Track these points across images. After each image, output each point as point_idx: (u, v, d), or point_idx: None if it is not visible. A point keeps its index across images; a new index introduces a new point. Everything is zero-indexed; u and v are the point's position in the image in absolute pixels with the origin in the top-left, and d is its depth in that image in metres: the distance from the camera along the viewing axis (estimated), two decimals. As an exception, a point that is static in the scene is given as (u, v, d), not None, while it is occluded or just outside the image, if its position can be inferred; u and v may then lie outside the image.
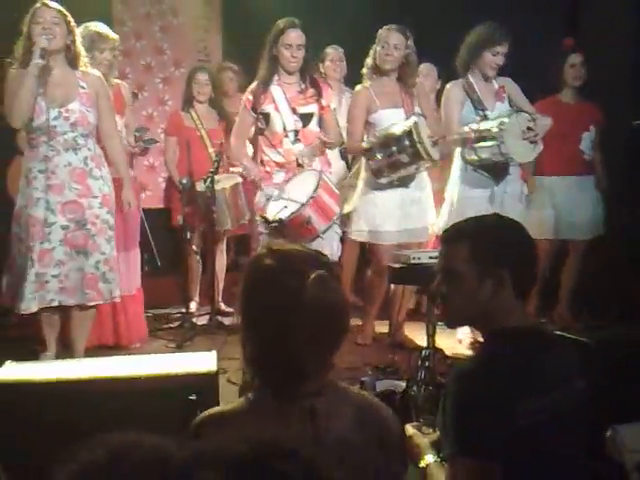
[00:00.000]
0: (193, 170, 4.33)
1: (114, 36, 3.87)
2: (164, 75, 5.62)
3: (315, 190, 3.39)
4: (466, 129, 3.80)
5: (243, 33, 5.11)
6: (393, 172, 3.69)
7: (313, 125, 3.75)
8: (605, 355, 2.19)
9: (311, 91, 3.73)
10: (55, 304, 3.29)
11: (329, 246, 3.67)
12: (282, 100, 3.67)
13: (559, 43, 4.34)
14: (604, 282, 4.08)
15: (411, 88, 3.88)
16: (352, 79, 4.46)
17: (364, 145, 3.78)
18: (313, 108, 3.73)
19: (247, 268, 1.36)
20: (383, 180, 3.75)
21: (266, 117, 3.70)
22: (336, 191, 3.56)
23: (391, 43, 3.77)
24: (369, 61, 3.89)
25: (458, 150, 3.93)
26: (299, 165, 3.67)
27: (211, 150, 4.51)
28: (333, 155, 4.44)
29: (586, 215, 4.29)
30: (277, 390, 1.31)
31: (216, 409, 1.39)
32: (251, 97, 3.71)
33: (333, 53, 4.66)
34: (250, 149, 3.92)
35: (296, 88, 3.71)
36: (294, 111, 3.68)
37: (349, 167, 4.56)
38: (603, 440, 1.96)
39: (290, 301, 1.26)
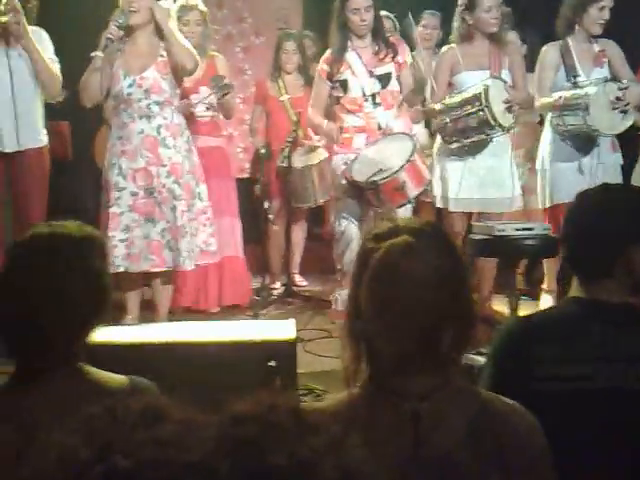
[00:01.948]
0: (272, 139, 4.32)
1: (201, 7, 3.88)
2: (244, 44, 5.63)
3: (412, 154, 3.37)
4: (555, 96, 3.65)
5: (323, 0, 5.03)
6: (463, 137, 3.57)
7: (393, 85, 3.72)
8: None
9: (386, 51, 3.69)
10: (121, 269, 3.36)
11: (401, 213, 3.67)
12: (359, 64, 3.66)
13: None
14: None
15: (503, 48, 3.74)
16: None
17: (437, 107, 3.70)
18: (390, 68, 3.70)
19: (364, 249, 1.17)
20: (453, 145, 3.64)
21: (343, 84, 3.69)
22: (423, 157, 3.55)
23: (494, 5, 3.64)
24: (458, 24, 3.74)
25: (549, 117, 3.78)
26: (380, 129, 3.64)
27: (295, 120, 4.48)
28: (418, 124, 4.36)
29: None
30: (377, 385, 1.15)
31: (309, 406, 1.23)
32: (326, 66, 3.71)
33: (427, 19, 4.55)
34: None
35: (371, 50, 3.69)
36: (371, 74, 3.66)
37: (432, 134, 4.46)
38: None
39: (432, 278, 1.10)
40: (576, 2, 3.68)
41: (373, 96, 3.67)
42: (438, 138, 3.86)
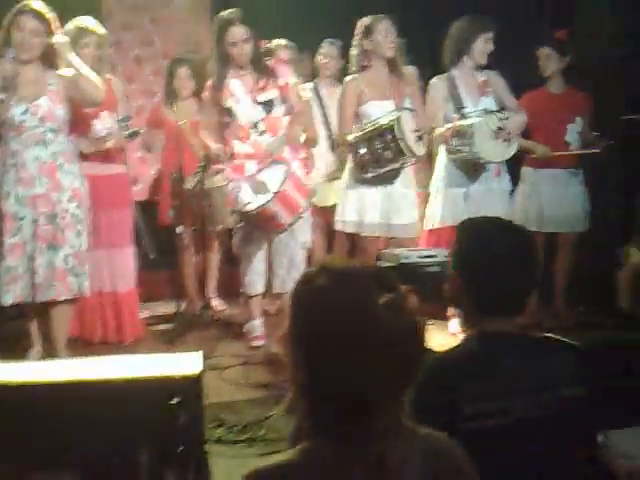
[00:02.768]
0: (183, 164, 4.26)
1: (101, 31, 3.81)
2: (153, 67, 5.55)
3: (281, 185, 3.41)
4: (446, 126, 3.81)
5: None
6: (377, 167, 3.65)
7: (277, 111, 3.73)
8: (595, 358, 2.14)
9: (267, 78, 3.72)
10: (29, 300, 3.32)
11: (302, 234, 3.74)
12: (241, 93, 3.69)
13: (552, 35, 4.28)
14: (597, 277, 4.02)
15: (402, 77, 3.83)
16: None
17: (349, 139, 3.74)
18: (273, 94, 3.72)
19: (296, 291, 1.16)
20: (368, 175, 3.71)
21: (229, 111, 3.70)
22: (305, 184, 3.56)
23: (391, 31, 3.74)
24: (357, 52, 3.82)
25: (442, 145, 3.92)
26: (269, 155, 3.65)
27: (194, 143, 4.44)
28: (323, 147, 4.40)
29: (572, 209, 4.23)
30: (338, 433, 1.11)
31: (266, 466, 1.14)
32: (211, 93, 3.73)
33: (326, 48, 4.56)
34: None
35: (252, 78, 3.70)
36: (254, 101, 3.68)
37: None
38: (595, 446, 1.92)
39: (358, 328, 1.08)
40: (464, 34, 3.84)
41: (258, 124, 3.69)
42: (349, 165, 3.89)
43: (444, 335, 3.94)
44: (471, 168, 3.86)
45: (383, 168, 3.65)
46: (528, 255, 1.61)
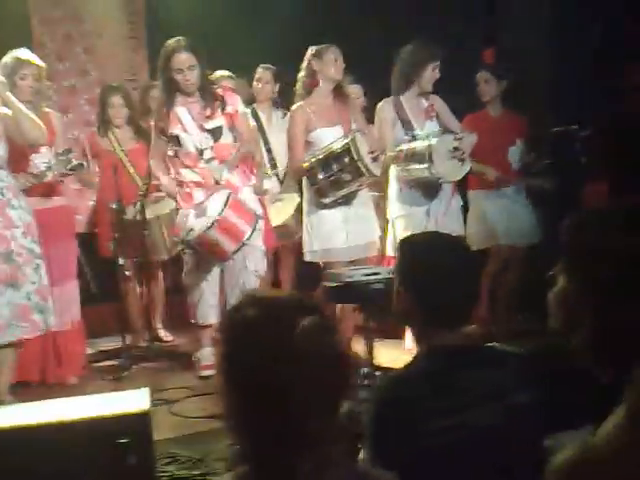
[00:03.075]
0: (122, 194, 4.20)
1: (38, 62, 3.74)
2: (89, 96, 5.47)
3: (220, 212, 3.38)
4: (397, 149, 3.85)
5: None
6: (336, 190, 3.62)
7: (225, 138, 3.72)
8: (539, 364, 2.20)
9: (215, 104, 3.69)
10: None
11: (254, 263, 3.68)
12: (188, 120, 3.66)
13: (480, 56, 4.42)
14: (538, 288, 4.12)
15: (346, 101, 3.85)
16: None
17: (305, 165, 3.70)
18: (220, 121, 3.70)
19: (225, 321, 1.19)
20: (327, 200, 3.67)
21: (176, 139, 3.67)
22: (249, 210, 3.54)
23: (339, 58, 3.75)
24: (305, 74, 3.80)
25: (393, 169, 3.96)
26: (217, 183, 3.63)
27: (132, 171, 4.39)
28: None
29: (520, 223, 4.33)
30: (265, 463, 1.10)
31: None
32: (157, 121, 3.69)
33: (261, 73, 4.58)
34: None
35: (199, 105, 3.68)
36: (202, 128, 3.65)
37: (281, 182, 4.51)
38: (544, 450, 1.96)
39: (277, 355, 1.08)
40: (414, 61, 3.92)
41: (205, 151, 3.66)
42: (306, 193, 3.86)
43: (398, 352, 3.97)
44: (427, 188, 3.92)
45: (341, 191, 3.63)
46: (468, 266, 1.65)
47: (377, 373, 2.93)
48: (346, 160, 3.50)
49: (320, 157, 3.62)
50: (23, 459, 2.10)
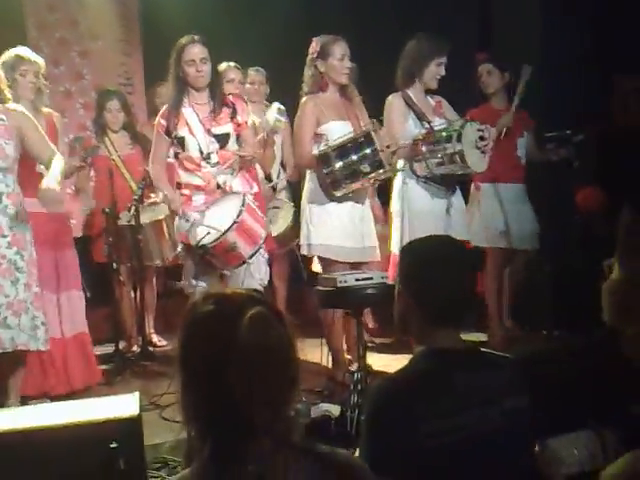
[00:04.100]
0: (117, 198, 4.19)
1: (38, 60, 3.74)
2: (84, 100, 5.48)
3: (239, 214, 3.27)
4: (413, 138, 3.65)
5: (164, 55, 5.03)
6: (352, 182, 3.42)
7: (231, 145, 3.61)
8: (530, 369, 2.21)
9: (224, 110, 3.60)
10: None
11: (257, 271, 3.60)
12: (195, 122, 3.56)
13: (473, 57, 4.40)
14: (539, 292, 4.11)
15: (352, 100, 3.74)
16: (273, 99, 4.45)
17: (319, 153, 3.50)
18: (228, 128, 3.59)
19: (183, 317, 1.23)
20: (339, 192, 3.47)
21: (181, 141, 3.57)
22: (260, 214, 3.46)
23: (346, 54, 3.63)
24: (311, 73, 3.67)
25: (403, 164, 3.74)
26: (219, 187, 3.56)
27: (128, 176, 4.39)
28: (259, 177, 4.40)
29: (528, 225, 4.23)
30: (220, 453, 1.14)
31: None
32: (163, 121, 3.59)
33: (254, 76, 4.59)
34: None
35: (208, 108, 3.59)
36: (208, 132, 3.55)
37: (274, 189, 4.51)
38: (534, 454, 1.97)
39: (225, 346, 1.12)
40: (417, 56, 3.77)
41: (211, 155, 3.57)
42: (308, 187, 3.70)
43: (388, 356, 3.98)
44: (438, 185, 3.72)
45: (356, 183, 3.43)
46: (465, 266, 1.66)
47: (370, 376, 2.93)
48: (367, 151, 3.33)
49: (339, 145, 3.41)
50: (12, 463, 2.10)
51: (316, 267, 4.00)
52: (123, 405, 2.30)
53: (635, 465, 1.03)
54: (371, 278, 2.90)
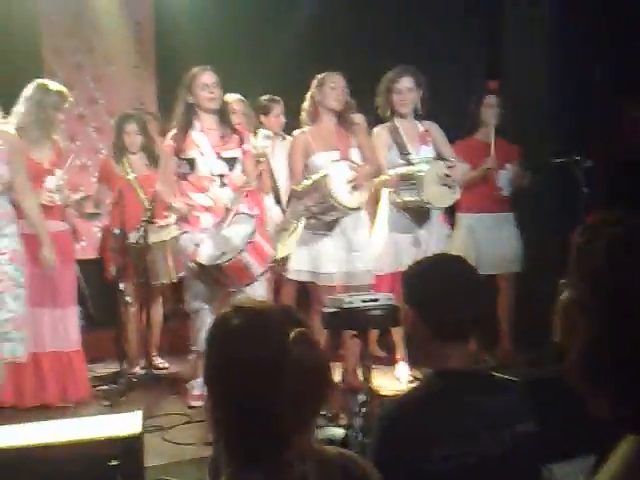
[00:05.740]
0: (125, 219, 4.23)
1: (64, 90, 3.84)
2: (97, 124, 5.55)
3: (253, 234, 3.43)
4: (391, 172, 3.91)
5: (177, 82, 5.11)
6: (322, 216, 3.71)
7: (238, 170, 3.80)
8: (536, 394, 2.19)
9: (233, 137, 3.79)
10: None
11: (260, 289, 3.67)
12: (206, 145, 3.72)
13: (483, 85, 4.46)
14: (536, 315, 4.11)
15: (350, 128, 3.89)
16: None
17: (297, 189, 3.81)
18: (237, 153, 3.79)
19: (212, 331, 1.21)
20: (316, 222, 3.76)
21: (191, 162, 3.71)
22: (268, 235, 3.61)
23: (340, 85, 3.83)
24: (307, 105, 3.91)
25: (386, 191, 4.01)
26: (227, 209, 3.66)
27: (142, 197, 4.44)
28: (269, 201, 4.43)
29: (507, 250, 4.37)
30: (256, 464, 1.15)
31: None
32: (173, 142, 3.73)
33: (274, 107, 4.61)
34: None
35: (218, 134, 3.76)
36: (218, 155, 3.73)
37: (283, 211, 4.53)
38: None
39: (271, 363, 1.12)
40: (382, 89, 4.05)
41: (220, 177, 3.72)
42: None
43: (389, 379, 3.96)
44: (416, 214, 3.97)
45: (326, 217, 3.72)
46: (473, 281, 1.66)
47: (375, 399, 2.90)
48: (320, 195, 3.63)
49: (302, 186, 3.74)
50: (15, 477, 2.09)
51: None
52: (125, 423, 2.30)
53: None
54: (377, 299, 2.90)
